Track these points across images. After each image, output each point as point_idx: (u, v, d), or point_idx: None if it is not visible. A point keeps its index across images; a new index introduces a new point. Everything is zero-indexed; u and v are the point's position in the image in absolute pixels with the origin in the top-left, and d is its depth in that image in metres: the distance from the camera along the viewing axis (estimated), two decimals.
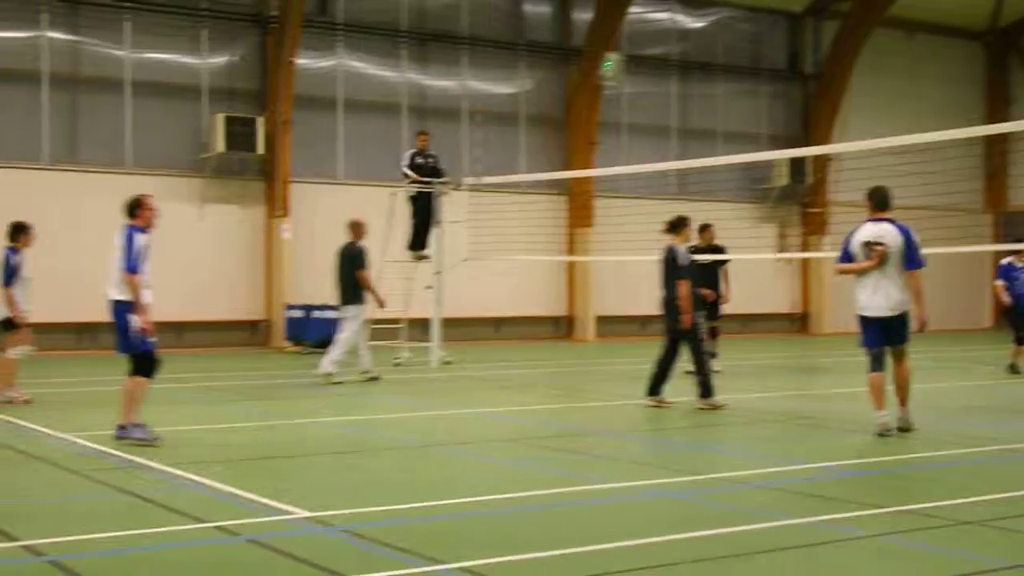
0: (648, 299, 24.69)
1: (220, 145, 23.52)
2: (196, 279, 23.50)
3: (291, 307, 23.87)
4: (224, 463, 9.46)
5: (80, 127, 23.13)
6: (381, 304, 16.69)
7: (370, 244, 17.04)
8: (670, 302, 13.40)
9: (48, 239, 18.14)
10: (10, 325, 13.55)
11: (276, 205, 24.39)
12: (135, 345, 10.21)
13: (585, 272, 27.78)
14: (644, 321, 27.87)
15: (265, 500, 7.72)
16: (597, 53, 27.29)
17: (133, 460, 9.45)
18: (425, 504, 7.80)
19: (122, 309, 10.20)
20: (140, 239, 10.21)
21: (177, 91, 23.96)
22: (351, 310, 16.41)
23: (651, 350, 21.05)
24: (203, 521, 7.15)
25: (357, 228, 16.78)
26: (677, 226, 13.60)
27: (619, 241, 23.62)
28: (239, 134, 23.62)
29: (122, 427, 10.21)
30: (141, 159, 23.56)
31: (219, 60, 24.43)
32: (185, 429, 11.24)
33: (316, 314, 23.66)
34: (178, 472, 8.90)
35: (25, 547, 6.45)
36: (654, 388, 13.45)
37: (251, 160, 24.19)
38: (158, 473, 8.93)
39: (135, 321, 10.13)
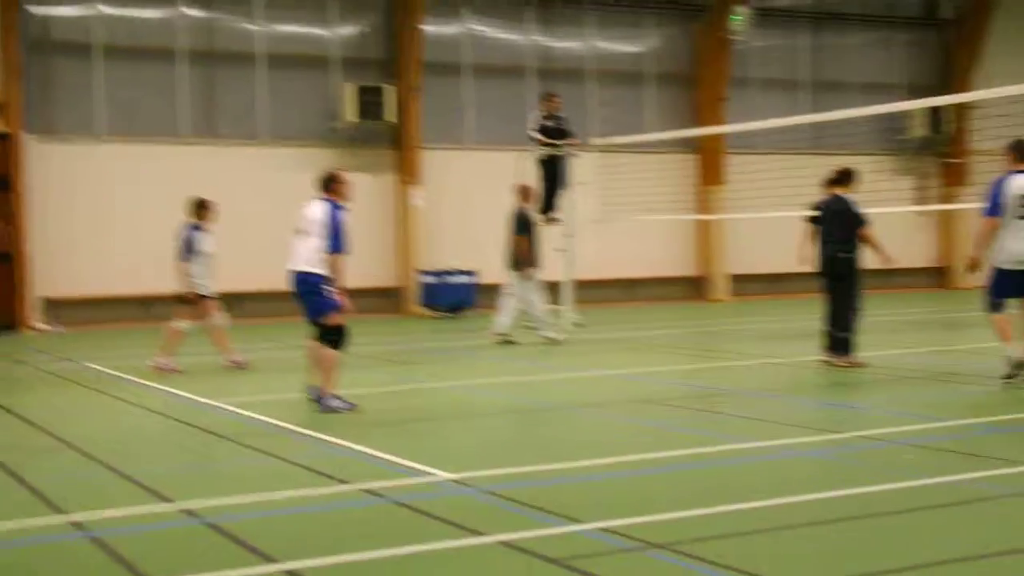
0: (780, 256, 24.38)
1: (351, 115, 23.87)
2: None
3: (424, 273, 24.18)
4: (367, 427, 9.66)
5: (215, 101, 23.69)
6: (532, 271, 16.85)
7: (501, 208, 17.15)
8: (835, 256, 13.03)
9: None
10: (184, 299, 13.96)
11: (407, 172, 24.67)
12: (326, 314, 10.27)
13: (717, 231, 27.47)
14: (776, 279, 27.49)
15: (408, 462, 7.87)
16: (725, 7, 26.86)
17: (278, 425, 9.72)
18: (563, 465, 7.86)
19: (315, 280, 10.22)
20: (343, 216, 10.24)
21: (307, 62, 24.34)
22: (522, 275, 16.72)
23: (785, 308, 20.69)
24: (349, 483, 7.33)
25: (523, 192, 17.01)
26: (845, 177, 13.27)
27: (751, 198, 23.28)
28: (369, 103, 23.94)
29: (321, 397, 10.35)
30: (275, 131, 24.04)
31: (347, 30, 24.73)
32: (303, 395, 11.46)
33: (448, 279, 23.96)
34: (322, 436, 9.13)
35: (182, 510, 6.71)
36: (840, 345, 13.15)
37: (381, 128, 24.47)
38: (303, 437, 9.17)
39: (330, 295, 10.17)
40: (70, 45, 22.44)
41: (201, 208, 14.08)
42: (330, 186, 10.44)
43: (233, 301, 22.42)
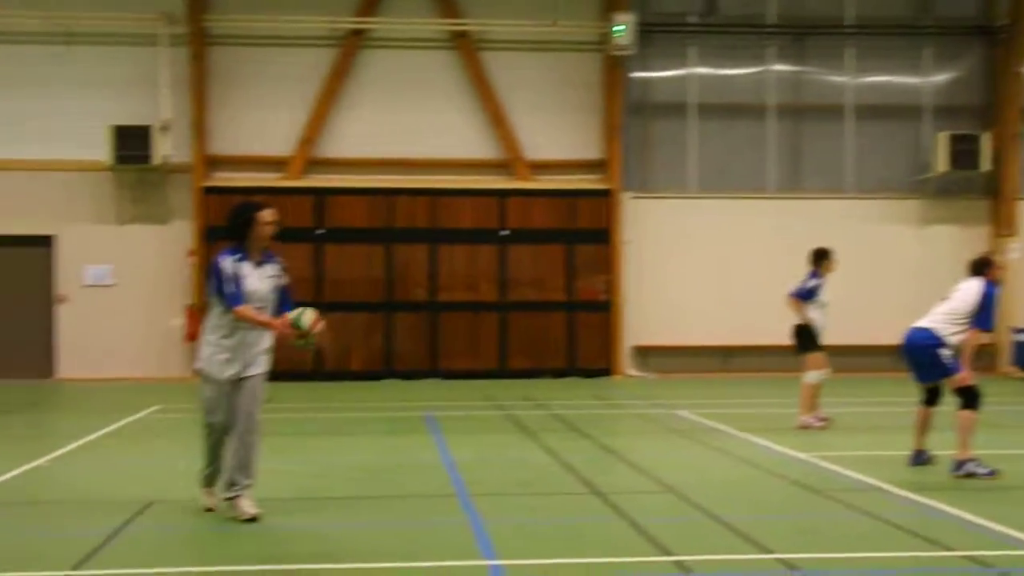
0: None
1: (942, 164, 23.02)
2: (922, 302, 23.06)
3: (1019, 331, 22.70)
4: (965, 490, 9.25)
5: (802, 155, 23.85)
6: None
7: None
8: None
9: (769, 265, 18.99)
10: (808, 347, 14.06)
11: (1003, 223, 23.34)
12: (943, 378, 10.38)
13: None
14: None
15: (1015, 532, 7.41)
16: None
17: (870, 483, 9.54)
18: None
19: (933, 342, 10.37)
20: (998, 294, 10.46)
21: (896, 112, 23.84)
22: None
23: None
24: (951, 549, 7.04)
25: None
26: None
27: None
28: (962, 152, 22.96)
29: (960, 463, 10.15)
30: (860, 182, 23.75)
31: (940, 77, 23.93)
32: (902, 453, 11.04)
33: None
34: (919, 498, 8.84)
35: (780, 560, 6.79)
36: None
37: (974, 178, 23.37)
38: (896, 497, 8.94)
39: (946, 359, 10.26)
40: (666, 106, 23.65)
41: (821, 257, 14.23)
42: (983, 269, 10.65)
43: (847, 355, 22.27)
